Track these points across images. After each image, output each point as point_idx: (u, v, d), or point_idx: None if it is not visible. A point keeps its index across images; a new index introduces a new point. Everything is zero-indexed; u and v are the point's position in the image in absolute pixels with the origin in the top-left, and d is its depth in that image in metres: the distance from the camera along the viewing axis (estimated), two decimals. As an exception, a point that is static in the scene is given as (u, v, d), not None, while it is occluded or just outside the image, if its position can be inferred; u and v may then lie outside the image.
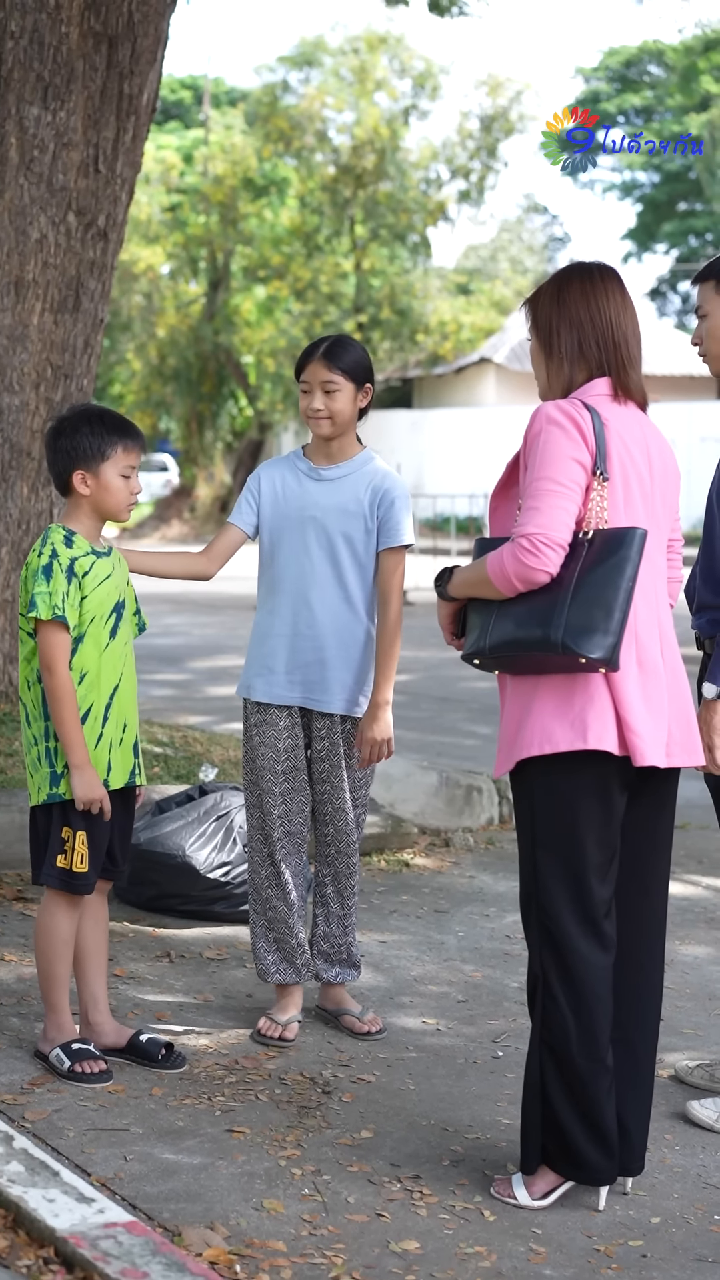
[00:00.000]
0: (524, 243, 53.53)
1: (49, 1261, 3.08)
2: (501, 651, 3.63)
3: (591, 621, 3.50)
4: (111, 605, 4.32)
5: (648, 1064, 3.83)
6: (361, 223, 37.55)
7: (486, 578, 3.62)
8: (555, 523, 3.54)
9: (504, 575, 3.57)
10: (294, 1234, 3.50)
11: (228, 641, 15.99)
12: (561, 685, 3.60)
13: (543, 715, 3.61)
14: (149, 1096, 4.20)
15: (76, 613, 4.21)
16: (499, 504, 3.83)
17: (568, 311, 3.74)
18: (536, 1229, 3.63)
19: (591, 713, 3.57)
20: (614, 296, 3.75)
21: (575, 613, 3.50)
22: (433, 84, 37.07)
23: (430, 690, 12.60)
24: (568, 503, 3.56)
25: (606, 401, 3.70)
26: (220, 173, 37.33)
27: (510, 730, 3.69)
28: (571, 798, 3.62)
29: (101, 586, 4.28)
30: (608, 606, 3.50)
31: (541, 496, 3.56)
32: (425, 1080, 4.48)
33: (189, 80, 53.79)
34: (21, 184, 7.51)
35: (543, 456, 3.59)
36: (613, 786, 3.63)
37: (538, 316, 3.80)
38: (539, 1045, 3.70)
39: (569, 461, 3.57)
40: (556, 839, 3.64)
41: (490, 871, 6.82)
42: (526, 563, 3.52)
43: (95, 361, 7.98)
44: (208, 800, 5.98)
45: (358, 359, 4.80)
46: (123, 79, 7.67)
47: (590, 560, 3.55)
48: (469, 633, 3.74)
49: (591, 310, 3.73)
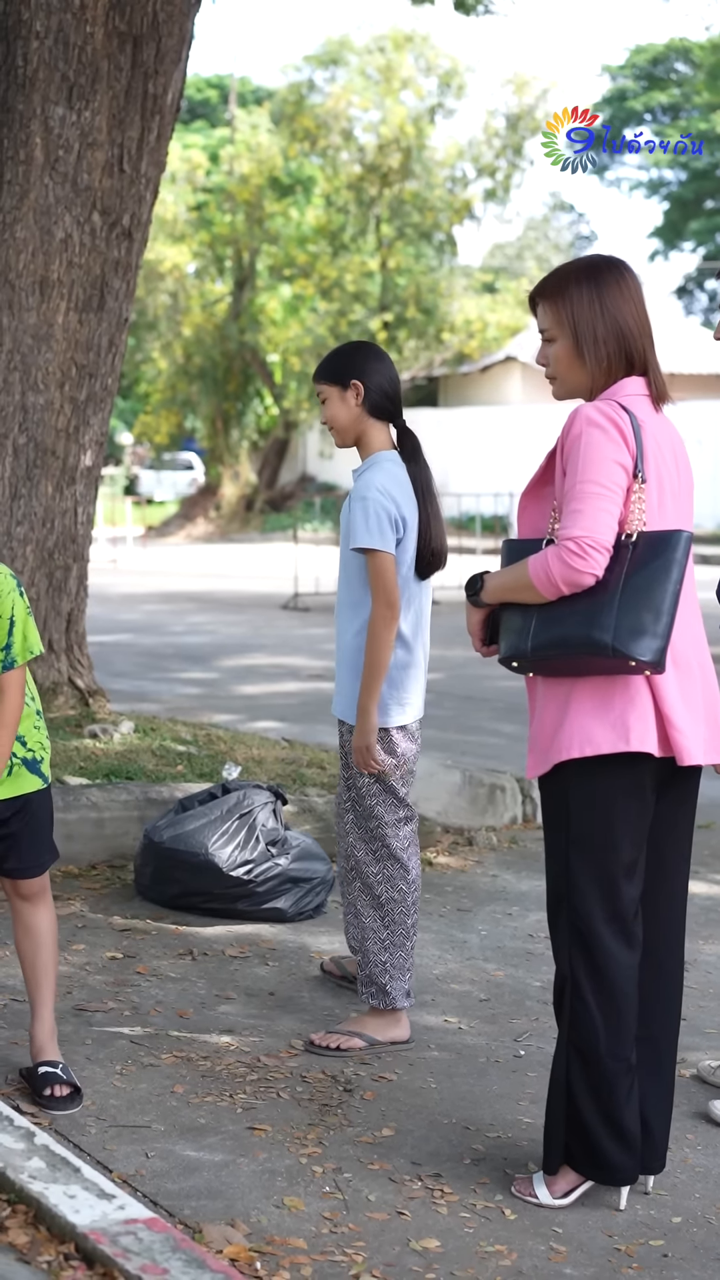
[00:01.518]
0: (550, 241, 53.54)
1: (69, 1258, 3.09)
2: (546, 653, 3.60)
3: (641, 624, 3.48)
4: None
5: (669, 1064, 3.83)
6: (387, 221, 37.56)
7: (528, 582, 3.60)
8: (600, 525, 3.53)
9: (548, 579, 3.55)
10: (314, 1231, 3.51)
11: (254, 640, 16.02)
12: (601, 687, 3.59)
13: (581, 717, 3.60)
14: (170, 1094, 4.21)
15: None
16: (529, 504, 3.80)
17: (610, 315, 3.68)
18: (557, 1228, 3.63)
19: (633, 714, 3.56)
20: (640, 294, 3.74)
21: (624, 615, 3.49)
22: (458, 82, 37.07)
23: (455, 689, 12.60)
24: (611, 505, 3.55)
25: (641, 402, 3.68)
26: (246, 172, 37.37)
27: (545, 732, 3.68)
28: (610, 799, 3.62)
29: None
30: (657, 609, 3.49)
31: (585, 499, 3.54)
32: (447, 1079, 4.48)
33: (215, 79, 53.87)
34: (46, 184, 7.53)
35: (585, 459, 3.56)
36: (647, 787, 3.63)
37: (577, 320, 3.71)
38: (566, 1046, 3.69)
39: (611, 464, 3.56)
40: (592, 840, 3.63)
41: (513, 870, 6.81)
42: (575, 566, 3.51)
43: (120, 360, 8.00)
44: (230, 798, 5.98)
45: (328, 361, 4.79)
46: (147, 79, 7.68)
47: (636, 563, 3.53)
48: (504, 636, 3.72)
49: (633, 312, 3.70)
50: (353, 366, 4.75)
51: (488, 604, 3.78)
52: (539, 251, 51.84)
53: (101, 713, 8.12)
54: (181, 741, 7.82)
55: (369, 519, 4.61)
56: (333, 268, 36.84)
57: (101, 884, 6.17)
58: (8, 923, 5.52)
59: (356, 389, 4.73)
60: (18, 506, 7.74)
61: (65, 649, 8.14)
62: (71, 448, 7.88)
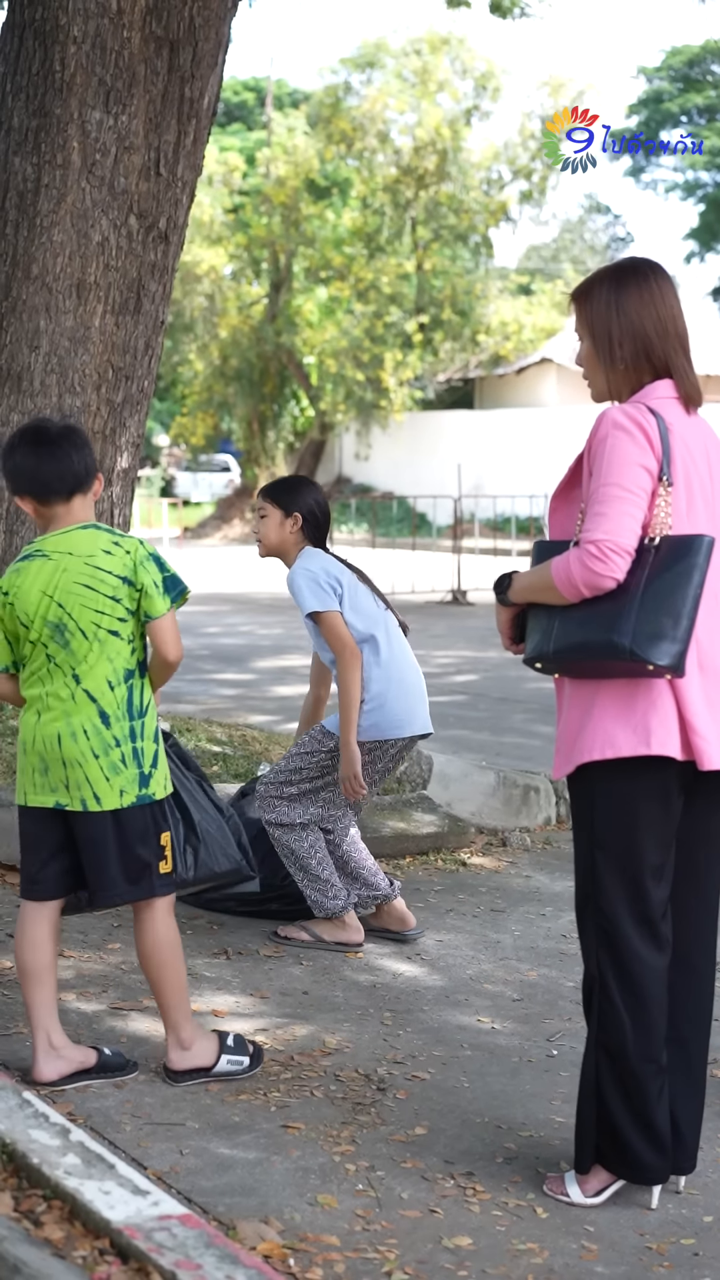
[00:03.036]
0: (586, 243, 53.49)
1: (104, 1253, 3.12)
2: (566, 656, 3.62)
3: (660, 629, 3.49)
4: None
5: (701, 1064, 3.83)
6: (423, 223, 37.58)
7: (551, 583, 3.62)
8: (622, 529, 3.54)
9: (570, 581, 3.57)
10: (347, 1229, 3.53)
11: (290, 642, 16.05)
12: (623, 690, 3.60)
13: (604, 719, 3.62)
14: (205, 1092, 4.24)
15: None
16: (559, 506, 3.82)
17: (627, 317, 3.70)
18: (589, 1226, 3.64)
19: (655, 718, 3.57)
20: (669, 297, 3.73)
21: (643, 619, 3.50)
22: (494, 85, 37.10)
23: (491, 691, 12.61)
24: (634, 509, 3.56)
25: (671, 404, 3.68)
26: (282, 174, 37.45)
27: (570, 733, 3.70)
28: (632, 801, 3.63)
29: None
30: (676, 614, 3.50)
31: (608, 502, 3.55)
32: (479, 1078, 4.50)
33: (252, 82, 54.00)
34: (84, 187, 7.57)
35: (609, 462, 3.58)
36: (672, 790, 3.64)
37: (594, 323, 3.76)
38: (595, 1046, 3.71)
39: (635, 467, 3.57)
40: (615, 841, 3.65)
41: (547, 871, 6.83)
42: (594, 569, 3.52)
43: (156, 363, 8.04)
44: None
45: (277, 487, 5.72)
46: (184, 83, 7.71)
47: (657, 567, 3.54)
48: (530, 636, 3.74)
49: (657, 315, 3.69)
50: (296, 500, 5.61)
51: (515, 603, 3.80)
52: (575, 253, 51.79)
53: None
54: (217, 742, 7.85)
55: (306, 590, 5.47)
56: (369, 270, 36.88)
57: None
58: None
59: (295, 519, 5.58)
60: (54, 508, 7.77)
61: (101, 650, 8.16)
62: (108, 450, 7.92)
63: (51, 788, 4.17)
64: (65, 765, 4.14)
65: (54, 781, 4.16)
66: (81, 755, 4.13)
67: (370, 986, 5.24)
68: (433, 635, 16.58)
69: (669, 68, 50.68)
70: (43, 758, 4.17)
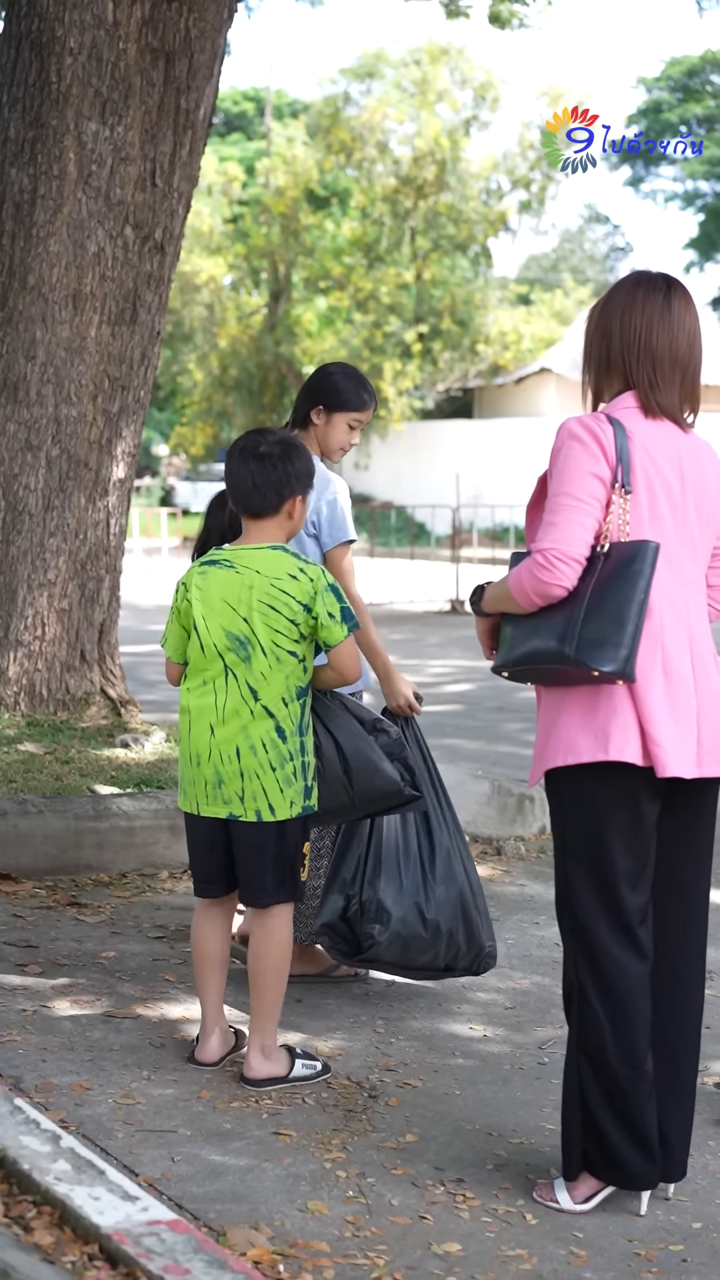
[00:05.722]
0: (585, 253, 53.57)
1: (93, 1258, 3.13)
2: (523, 664, 3.67)
3: (603, 635, 3.51)
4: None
5: (689, 1073, 3.84)
6: (422, 233, 37.63)
7: (509, 593, 3.67)
8: (571, 537, 3.57)
9: (523, 590, 3.62)
10: (337, 1235, 3.54)
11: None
12: (586, 696, 3.62)
13: (568, 726, 3.64)
14: (197, 1099, 4.25)
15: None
16: (533, 517, 3.84)
17: (603, 323, 3.77)
18: (578, 1232, 3.66)
19: (615, 724, 3.59)
20: (650, 310, 3.71)
21: (588, 626, 3.53)
22: (493, 95, 37.16)
23: (486, 700, 12.62)
24: (584, 517, 3.59)
25: (635, 415, 3.71)
26: (282, 184, 37.50)
27: (540, 740, 3.74)
28: (597, 807, 3.65)
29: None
30: (620, 620, 3.51)
31: (558, 511, 3.61)
32: (470, 1086, 4.51)
33: (251, 92, 54.06)
34: (80, 198, 7.61)
35: (561, 471, 3.65)
36: (641, 796, 3.65)
37: (586, 326, 3.85)
38: (575, 1051, 3.73)
39: (586, 476, 3.60)
40: (584, 847, 3.67)
41: (541, 880, 6.84)
42: (541, 578, 3.57)
43: (152, 373, 8.07)
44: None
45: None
46: (180, 94, 7.75)
47: (605, 574, 3.57)
48: (500, 646, 3.79)
49: (622, 323, 3.72)
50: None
51: (489, 613, 3.84)
52: (574, 263, 51.90)
53: (133, 722, 8.18)
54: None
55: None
56: (368, 280, 36.92)
57: (132, 892, 6.22)
58: (28, 930, 5.58)
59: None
60: (50, 518, 7.81)
61: (97, 659, 8.20)
62: (104, 460, 7.95)
63: (225, 800, 4.32)
64: (243, 777, 4.29)
65: (228, 794, 4.31)
66: (260, 768, 4.28)
67: (363, 994, 5.25)
68: (429, 645, 16.60)
69: (668, 78, 50.78)
70: (218, 770, 4.31)
